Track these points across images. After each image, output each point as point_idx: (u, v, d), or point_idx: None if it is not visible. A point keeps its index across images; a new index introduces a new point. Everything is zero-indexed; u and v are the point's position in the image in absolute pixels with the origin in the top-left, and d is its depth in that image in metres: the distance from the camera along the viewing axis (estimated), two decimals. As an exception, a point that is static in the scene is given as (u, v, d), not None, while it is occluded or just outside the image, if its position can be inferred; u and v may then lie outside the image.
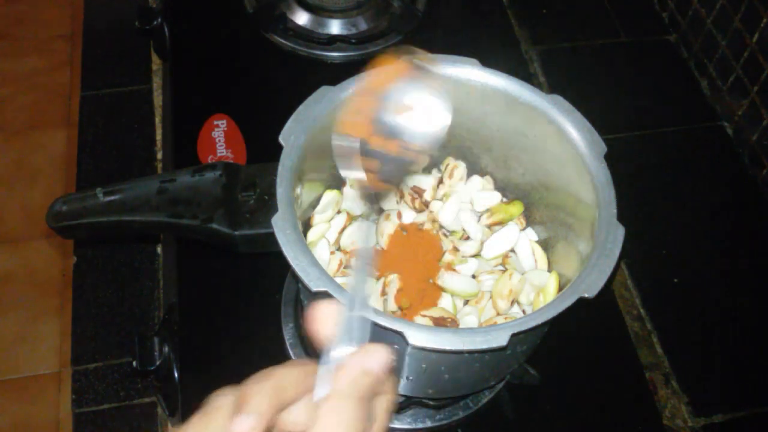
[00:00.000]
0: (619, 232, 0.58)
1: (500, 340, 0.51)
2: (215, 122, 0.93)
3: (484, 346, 0.51)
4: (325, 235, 0.69)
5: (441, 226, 0.71)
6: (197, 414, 0.35)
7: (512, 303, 0.67)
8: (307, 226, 0.69)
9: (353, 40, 1.01)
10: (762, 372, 0.83)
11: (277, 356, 0.75)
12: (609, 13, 1.13)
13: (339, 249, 0.70)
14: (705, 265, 0.90)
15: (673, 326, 0.85)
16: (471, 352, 0.52)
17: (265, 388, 0.35)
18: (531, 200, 0.72)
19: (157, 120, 1.03)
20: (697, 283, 0.89)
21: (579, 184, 0.63)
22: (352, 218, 0.72)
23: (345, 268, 0.68)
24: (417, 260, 0.68)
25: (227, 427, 0.34)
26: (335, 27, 1.02)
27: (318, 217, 0.69)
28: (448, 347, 0.51)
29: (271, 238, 0.56)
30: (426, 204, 0.72)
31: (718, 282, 0.89)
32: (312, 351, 0.74)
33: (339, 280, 0.64)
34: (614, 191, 0.61)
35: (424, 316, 0.64)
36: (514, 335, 0.52)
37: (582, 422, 0.77)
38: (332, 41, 1.00)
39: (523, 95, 0.65)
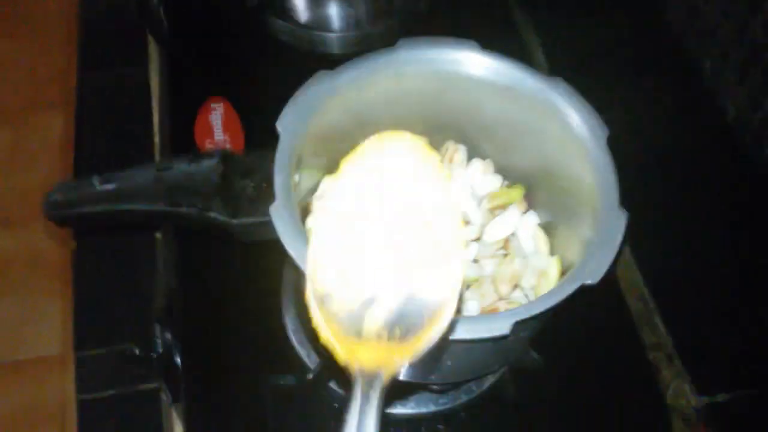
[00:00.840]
0: (622, 217, 0.57)
1: (503, 328, 0.51)
2: (212, 105, 0.92)
3: (486, 335, 0.51)
4: (325, 221, 0.68)
5: (442, 211, 0.71)
6: None
7: (514, 287, 0.66)
8: (306, 211, 0.69)
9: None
10: (766, 351, 0.83)
11: (279, 342, 0.75)
12: (611, -1, 1.12)
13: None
14: (708, 245, 0.90)
15: (676, 306, 0.85)
16: (473, 342, 0.52)
17: None
18: (532, 184, 0.71)
19: (155, 103, 1.02)
20: (700, 263, 0.88)
21: (581, 167, 0.62)
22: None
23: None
24: (418, 245, 0.68)
25: None
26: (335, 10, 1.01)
27: (317, 203, 0.69)
28: (450, 336, 0.51)
29: (270, 226, 0.56)
30: (426, 188, 0.71)
31: (721, 262, 0.89)
32: (313, 338, 0.74)
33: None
34: (616, 175, 0.60)
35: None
36: (516, 323, 0.51)
37: (585, 404, 0.77)
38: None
39: (524, 78, 0.64)
